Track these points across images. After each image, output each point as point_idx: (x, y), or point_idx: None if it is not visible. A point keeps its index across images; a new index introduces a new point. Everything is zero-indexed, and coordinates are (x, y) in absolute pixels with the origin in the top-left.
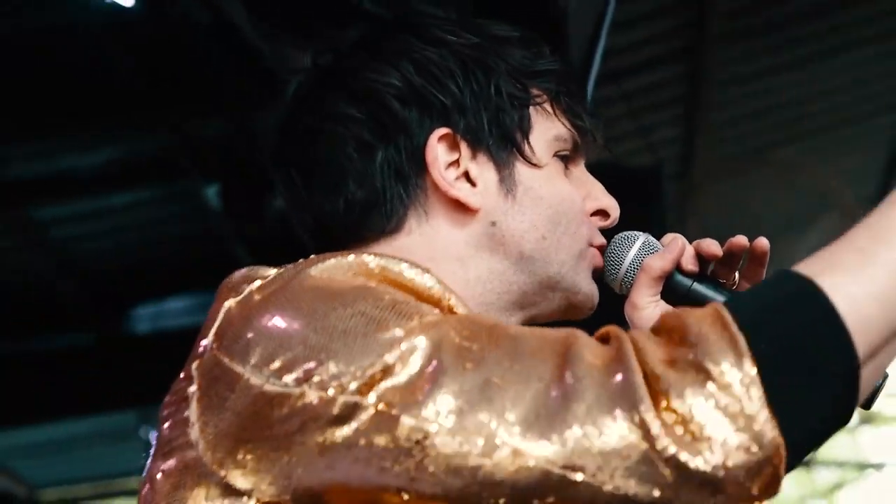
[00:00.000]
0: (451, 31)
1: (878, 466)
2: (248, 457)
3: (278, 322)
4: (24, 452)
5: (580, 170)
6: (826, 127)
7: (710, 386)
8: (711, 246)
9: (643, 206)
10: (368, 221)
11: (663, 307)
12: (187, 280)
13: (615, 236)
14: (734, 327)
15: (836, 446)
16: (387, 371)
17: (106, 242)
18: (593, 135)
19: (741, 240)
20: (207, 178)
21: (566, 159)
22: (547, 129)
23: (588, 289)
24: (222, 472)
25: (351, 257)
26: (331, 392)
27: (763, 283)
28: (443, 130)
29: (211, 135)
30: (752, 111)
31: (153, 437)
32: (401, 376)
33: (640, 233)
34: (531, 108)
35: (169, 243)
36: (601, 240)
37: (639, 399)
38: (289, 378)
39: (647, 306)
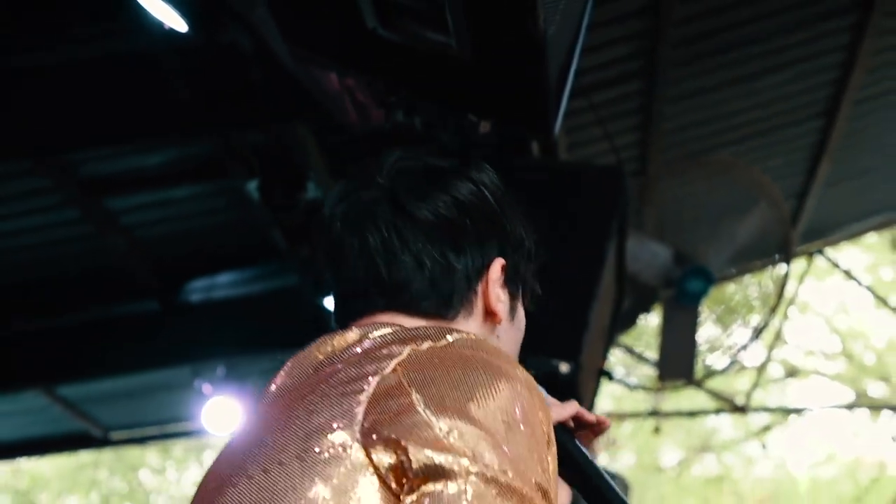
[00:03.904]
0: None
1: (801, 412)
2: None
3: None
4: (99, 399)
5: None
6: (757, 133)
7: None
8: (590, 416)
9: (608, 198)
10: (437, 305)
11: None
12: (233, 259)
13: None
14: None
15: (767, 395)
16: None
17: (167, 228)
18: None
19: (603, 420)
20: (250, 175)
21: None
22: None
23: None
24: None
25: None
26: None
27: None
28: (502, 261)
29: (253, 141)
30: (697, 120)
31: (205, 388)
32: None
33: (538, 386)
34: None
35: (218, 229)
36: None
37: None
38: None
39: None
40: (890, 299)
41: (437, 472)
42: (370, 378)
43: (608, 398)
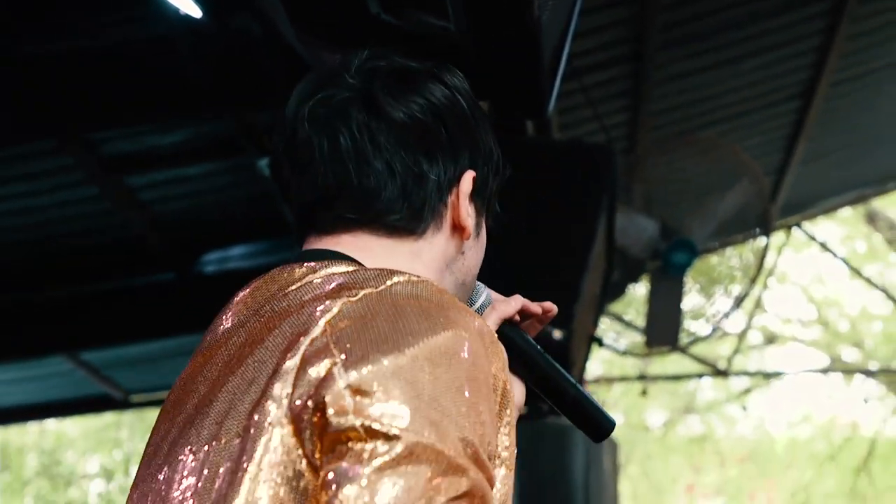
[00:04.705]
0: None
1: (779, 375)
2: None
3: None
4: (120, 364)
5: None
6: (739, 113)
7: None
8: (535, 307)
9: (599, 175)
10: (405, 216)
11: None
12: (245, 232)
13: None
14: None
15: (747, 360)
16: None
17: (183, 203)
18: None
19: (550, 306)
20: (260, 153)
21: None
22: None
23: None
24: None
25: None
26: None
27: None
28: (473, 173)
29: (263, 120)
30: (683, 102)
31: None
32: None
33: (482, 284)
34: None
35: (231, 204)
36: None
37: None
38: None
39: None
40: (863, 270)
41: (346, 435)
42: (300, 342)
43: (598, 362)
